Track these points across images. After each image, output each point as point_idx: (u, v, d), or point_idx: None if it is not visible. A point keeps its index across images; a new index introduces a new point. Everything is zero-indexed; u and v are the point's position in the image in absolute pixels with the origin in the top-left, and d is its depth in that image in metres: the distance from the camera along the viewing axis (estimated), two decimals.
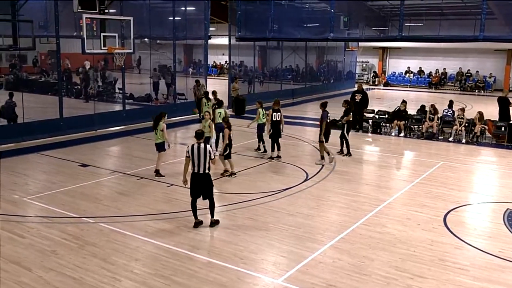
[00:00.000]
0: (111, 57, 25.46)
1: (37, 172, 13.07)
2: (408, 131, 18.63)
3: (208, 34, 23.81)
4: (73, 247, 8.25)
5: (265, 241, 8.67)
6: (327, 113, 14.31)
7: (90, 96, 24.82)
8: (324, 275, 7.43)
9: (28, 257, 7.88)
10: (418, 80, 39.18)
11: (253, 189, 11.71)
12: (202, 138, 9.17)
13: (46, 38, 22.54)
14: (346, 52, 36.79)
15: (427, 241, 8.74)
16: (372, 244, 8.58)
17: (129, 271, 7.47)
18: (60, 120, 17.19)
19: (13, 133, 15.78)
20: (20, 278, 7.19)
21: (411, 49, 38.10)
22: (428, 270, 7.65)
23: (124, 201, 10.69)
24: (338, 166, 13.86)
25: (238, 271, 7.53)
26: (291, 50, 32.10)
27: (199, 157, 8.86)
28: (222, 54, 41.55)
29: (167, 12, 23.64)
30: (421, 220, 9.77)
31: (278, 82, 31.32)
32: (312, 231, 9.12)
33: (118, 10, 18.95)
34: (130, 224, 9.32)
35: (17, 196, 10.80)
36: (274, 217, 9.82)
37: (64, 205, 10.28)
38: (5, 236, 8.65)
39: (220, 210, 10.20)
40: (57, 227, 9.11)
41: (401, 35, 20.38)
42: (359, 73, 41.67)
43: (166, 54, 25.34)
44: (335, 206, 10.64)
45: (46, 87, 27.80)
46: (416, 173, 13.47)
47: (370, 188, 12.11)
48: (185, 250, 8.22)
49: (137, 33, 18.82)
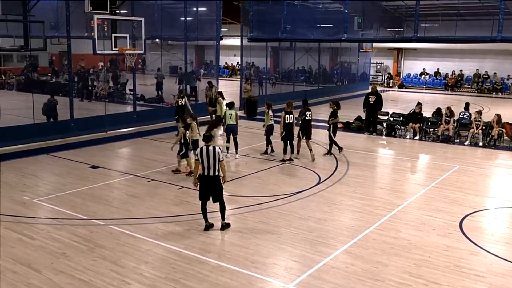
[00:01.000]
0: (120, 58, 25.72)
1: (47, 173, 13.10)
2: (424, 134, 18.39)
3: (220, 35, 23.81)
4: (83, 249, 8.25)
5: (277, 245, 8.58)
6: (305, 111, 14.68)
7: (88, 96, 24.92)
8: (336, 280, 7.33)
9: (38, 259, 7.88)
10: (434, 82, 38.81)
11: (264, 192, 11.62)
12: (210, 140, 9.12)
13: (57, 39, 22.64)
14: (360, 53, 36.56)
15: (443, 247, 8.59)
16: (386, 249, 8.46)
17: (139, 274, 7.43)
18: (70, 121, 17.28)
19: (25, 134, 15.85)
20: (30, 280, 7.18)
21: (426, 50, 37.74)
22: (443, 276, 7.52)
23: (134, 203, 10.66)
24: (352, 170, 13.72)
25: (249, 275, 7.47)
26: (304, 51, 31.95)
27: (208, 160, 8.82)
28: (234, 55, 41.55)
29: (179, 13, 23.66)
30: (436, 225, 9.61)
31: (290, 83, 31.20)
32: (325, 236, 9.01)
33: (129, 11, 19.00)
34: (140, 227, 9.28)
35: (27, 198, 10.82)
36: (285, 220, 9.73)
37: (74, 207, 10.28)
38: (15, 237, 8.66)
39: (231, 213, 10.11)
40: (67, 229, 9.11)
41: (417, 36, 20.16)
42: (373, 75, 41.41)
43: (177, 55, 25.34)
44: (348, 210, 10.53)
45: (57, 87, 27.93)
46: (431, 177, 13.28)
47: (384, 192, 11.96)
48: (195, 253, 8.17)
49: (148, 33, 18.91)
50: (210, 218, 9.23)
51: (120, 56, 18.84)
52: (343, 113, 23.35)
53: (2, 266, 7.59)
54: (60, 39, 21.93)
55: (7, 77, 31.77)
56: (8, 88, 30.81)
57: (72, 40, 17.39)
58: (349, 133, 19.38)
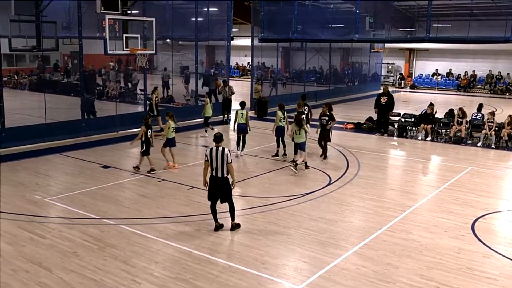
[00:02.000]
0: (131, 58, 25.92)
1: (59, 173, 13.20)
2: (435, 135, 18.26)
3: (230, 35, 23.85)
4: (93, 249, 8.30)
5: (287, 246, 8.58)
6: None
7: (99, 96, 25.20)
8: (346, 282, 7.31)
9: (49, 258, 7.94)
10: (446, 83, 38.54)
11: (274, 192, 11.61)
12: (221, 141, 9.09)
13: (69, 39, 22.81)
14: (371, 54, 36.43)
15: (454, 249, 8.53)
16: (397, 251, 8.41)
17: (149, 274, 7.46)
18: (81, 121, 17.40)
19: (37, 134, 16.01)
20: (40, 279, 7.24)
21: (439, 50, 37.48)
22: (455, 279, 7.45)
23: (145, 203, 10.70)
24: (362, 171, 13.66)
25: (259, 276, 7.46)
26: (314, 52, 31.87)
27: (217, 161, 8.82)
28: (245, 55, 41.59)
29: (190, 13, 23.70)
30: (448, 227, 9.54)
31: (301, 84, 31.15)
32: (335, 237, 8.99)
33: (140, 11, 19.08)
34: (151, 227, 9.32)
35: (38, 197, 10.91)
36: (296, 221, 9.71)
37: (85, 207, 10.34)
38: (26, 236, 8.74)
39: (241, 213, 10.13)
40: (78, 228, 9.16)
41: (429, 36, 20.03)
42: (384, 75, 41.23)
43: (188, 55, 25.39)
44: (359, 212, 10.47)
45: (68, 87, 28.22)
46: (443, 178, 13.18)
47: (395, 193, 11.89)
48: (205, 253, 8.18)
49: (160, 34, 18.93)
50: (220, 218, 9.23)
51: (131, 56, 18.94)
52: (354, 114, 23.42)
53: (14, 264, 7.65)
54: (72, 39, 22.07)
55: (19, 77, 32.09)
56: (21, 88, 31.13)
57: (84, 40, 17.56)
58: (360, 134, 19.32)
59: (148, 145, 12.84)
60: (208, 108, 18.05)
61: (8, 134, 15.29)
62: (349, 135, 19.22)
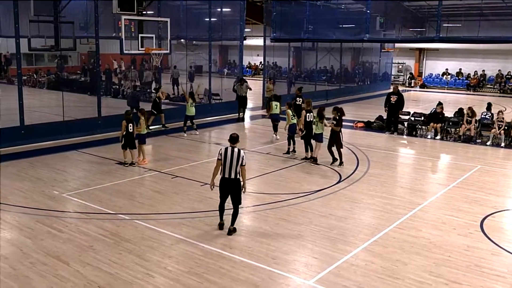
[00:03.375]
0: (142, 58, 26.21)
1: (76, 169, 13.37)
2: (445, 134, 18.28)
3: (243, 35, 23.98)
4: (109, 243, 8.42)
5: (297, 242, 8.66)
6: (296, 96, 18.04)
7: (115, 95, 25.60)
8: (356, 277, 7.37)
9: (67, 251, 8.07)
10: (456, 82, 38.37)
11: (285, 189, 11.72)
12: (237, 142, 8.82)
13: (86, 39, 23.12)
14: (381, 53, 36.33)
15: (463, 246, 8.56)
16: (405, 248, 8.47)
17: (163, 268, 7.57)
18: (98, 119, 17.64)
19: (55, 131, 16.33)
20: (58, 272, 7.38)
21: (449, 50, 37.31)
22: (463, 276, 7.50)
23: (159, 199, 10.85)
24: (372, 169, 13.73)
25: (270, 271, 7.54)
26: (326, 51, 31.93)
27: (231, 162, 8.60)
28: (257, 55, 41.71)
29: (203, 13, 23.93)
30: (457, 225, 9.59)
31: (312, 83, 31.24)
32: (345, 233, 9.07)
33: (155, 12, 19.29)
34: (164, 222, 9.45)
35: (56, 192, 11.10)
36: (306, 218, 9.80)
37: (101, 202, 10.51)
38: (45, 230, 8.92)
39: (253, 210, 10.28)
40: (94, 223, 9.32)
41: (439, 36, 20.06)
42: (394, 75, 41.12)
43: (202, 54, 25.62)
44: (369, 209, 10.54)
45: (85, 86, 28.61)
46: (452, 176, 13.23)
47: (404, 191, 11.96)
48: (218, 249, 8.28)
49: (174, 34, 19.13)
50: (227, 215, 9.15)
51: (146, 55, 19.20)
52: (364, 112, 23.47)
53: (33, 257, 7.83)
54: (89, 39, 22.38)
55: (38, 76, 32.51)
56: (40, 86, 31.50)
57: (100, 40, 17.77)
58: (371, 132, 19.37)
59: (128, 139, 13.09)
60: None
61: (28, 131, 15.58)
62: (359, 133, 19.28)
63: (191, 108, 17.59)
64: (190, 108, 17.57)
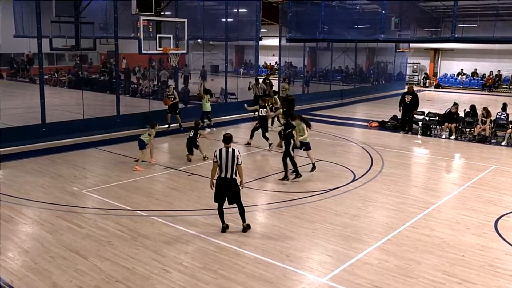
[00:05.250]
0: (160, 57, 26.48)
1: (95, 166, 13.61)
2: (459, 134, 18.21)
3: (259, 35, 24.08)
4: (127, 239, 8.56)
5: (311, 240, 8.72)
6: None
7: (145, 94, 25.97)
8: (369, 276, 7.41)
9: (86, 246, 8.23)
10: (471, 82, 38.06)
11: (300, 188, 11.80)
12: (230, 142, 8.92)
13: (105, 39, 23.45)
14: (396, 53, 36.25)
15: (477, 246, 8.55)
16: (419, 247, 8.48)
17: (179, 264, 7.67)
18: (116, 117, 17.89)
19: (75, 129, 16.66)
20: (77, 266, 7.52)
21: (464, 50, 37.04)
22: (477, 276, 7.49)
23: (176, 196, 10.99)
24: (386, 168, 13.75)
25: (284, 268, 7.61)
26: (341, 51, 31.95)
27: (227, 162, 8.64)
28: (273, 55, 41.80)
29: (220, 14, 24.11)
30: (471, 225, 9.57)
31: (327, 83, 31.28)
32: (359, 232, 9.11)
33: (173, 12, 19.45)
34: (181, 219, 9.58)
35: (76, 189, 11.32)
36: (320, 216, 9.87)
37: (120, 198, 10.69)
38: (65, 225, 9.11)
39: (267, 208, 10.40)
40: (112, 219, 9.48)
41: (454, 36, 19.93)
42: (409, 75, 40.92)
43: (218, 54, 25.83)
44: (382, 208, 10.57)
45: (104, 85, 29.04)
46: (466, 176, 13.20)
47: (418, 190, 11.96)
48: (232, 245, 8.37)
49: (191, 34, 19.31)
50: (235, 219, 9.25)
51: (164, 55, 19.41)
52: (379, 112, 23.45)
53: (53, 252, 8.01)
54: (108, 39, 22.71)
55: (59, 75, 33.02)
56: (60, 85, 32.00)
57: (119, 40, 18.05)
58: (385, 132, 19.37)
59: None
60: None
61: (49, 129, 15.90)
62: (374, 133, 19.29)
63: (207, 104, 17.98)
64: (205, 104, 17.97)
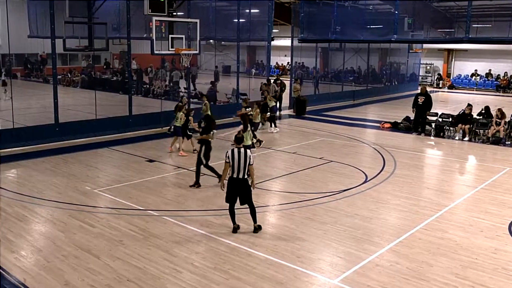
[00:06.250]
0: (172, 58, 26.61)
1: (108, 165, 13.70)
2: (473, 135, 18.04)
3: (271, 36, 24.10)
4: (138, 238, 8.61)
5: (323, 241, 8.70)
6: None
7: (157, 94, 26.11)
8: (381, 278, 7.37)
9: (98, 245, 8.29)
10: (485, 83, 37.70)
11: (311, 189, 11.78)
12: (242, 142, 9.04)
13: (118, 40, 23.60)
14: (409, 54, 36.00)
15: (490, 249, 8.47)
16: (431, 249, 8.43)
17: (190, 264, 7.69)
18: (129, 117, 18.00)
19: (88, 129, 16.82)
20: (89, 265, 7.58)
21: (478, 51, 36.68)
22: (490, 279, 7.42)
23: (187, 196, 11.02)
24: (399, 169, 13.66)
25: (295, 269, 7.60)
26: (353, 52, 31.82)
27: (239, 162, 8.68)
28: (285, 55, 41.80)
29: (232, 14, 24.16)
30: (484, 227, 9.48)
31: (339, 83, 31.19)
32: (370, 233, 9.07)
33: (185, 13, 19.51)
34: (192, 219, 9.61)
35: (89, 188, 11.41)
36: (332, 217, 9.84)
37: (131, 198, 10.74)
38: (77, 225, 9.18)
39: (279, 208, 10.39)
40: (124, 219, 9.54)
41: (468, 37, 19.75)
42: (422, 75, 40.65)
43: (230, 55, 25.87)
44: (395, 209, 10.50)
45: (117, 85, 29.26)
46: (480, 178, 13.07)
47: (431, 192, 11.87)
48: (244, 246, 8.37)
49: (203, 34, 19.35)
50: (249, 219, 9.23)
51: (176, 56, 19.49)
52: (391, 113, 23.31)
53: (65, 250, 8.07)
54: (121, 39, 22.86)
55: (72, 75, 33.33)
56: (74, 85, 32.33)
57: (132, 41, 18.20)
58: (398, 133, 19.25)
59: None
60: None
61: (62, 128, 16.06)
62: (386, 134, 19.19)
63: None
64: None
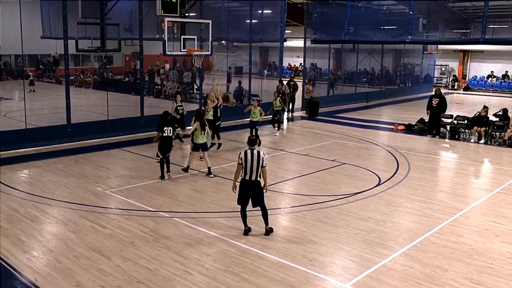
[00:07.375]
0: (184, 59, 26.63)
1: (119, 167, 13.75)
2: (489, 138, 17.79)
3: (283, 37, 24.04)
4: (149, 240, 8.60)
5: (335, 244, 8.63)
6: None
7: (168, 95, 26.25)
8: (394, 282, 7.29)
9: (109, 246, 8.29)
10: (502, 85, 37.24)
11: (324, 191, 11.69)
12: (255, 144, 9.00)
13: (130, 41, 23.72)
14: (424, 55, 35.72)
15: (506, 254, 8.34)
16: (446, 253, 8.31)
17: (201, 266, 7.67)
18: (140, 118, 18.06)
19: (100, 129, 16.89)
20: (100, 266, 7.59)
21: (494, 52, 36.29)
22: (506, 285, 7.29)
23: (198, 198, 11.00)
24: (413, 172, 13.53)
25: (307, 273, 7.55)
26: (366, 53, 31.63)
27: (252, 164, 8.65)
28: (297, 56, 41.71)
29: (244, 15, 24.12)
30: (500, 232, 9.34)
31: (352, 85, 31.02)
32: (383, 237, 8.97)
33: (197, 14, 19.53)
34: (203, 221, 9.59)
35: (100, 189, 11.44)
36: (344, 220, 9.76)
37: (142, 199, 10.75)
38: (88, 225, 9.20)
39: (291, 211, 10.33)
40: (135, 220, 9.54)
41: (484, 38, 19.50)
42: (437, 77, 40.30)
43: (242, 56, 25.85)
44: (408, 213, 10.39)
45: (129, 86, 29.41)
46: (496, 182, 12.87)
47: (445, 195, 11.70)
48: (255, 248, 8.33)
49: (215, 35, 19.35)
50: (260, 222, 9.19)
51: (188, 56, 19.51)
52: (405, 115, 23.12)
53: (76, 251, 8.09)
54: (133, 40, 22.97)
55: (85, 76, 33.61)
56: (86, 86, 32.57)
57: (144, 42, 18.26)
58: (412, 136, 19.08)
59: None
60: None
61: (74, 129, 16.14)
62: (400, 136, 19.03)
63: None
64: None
